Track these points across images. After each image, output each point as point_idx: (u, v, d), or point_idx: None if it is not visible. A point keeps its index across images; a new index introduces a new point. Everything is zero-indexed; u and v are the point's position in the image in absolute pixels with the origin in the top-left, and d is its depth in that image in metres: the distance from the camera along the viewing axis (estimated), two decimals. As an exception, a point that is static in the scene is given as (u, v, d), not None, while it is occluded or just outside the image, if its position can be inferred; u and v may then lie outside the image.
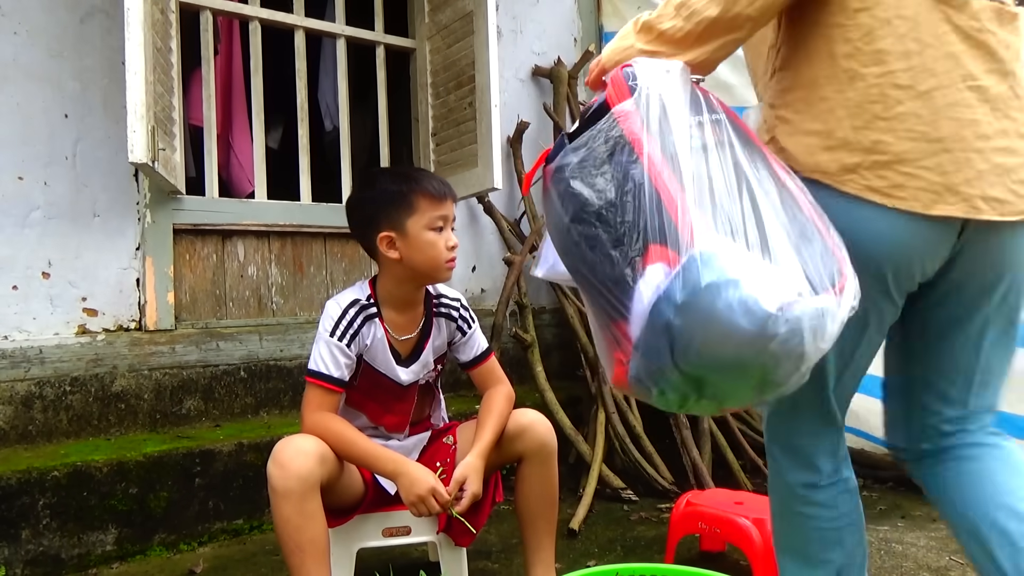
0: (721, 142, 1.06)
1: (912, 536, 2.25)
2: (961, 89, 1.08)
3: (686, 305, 0.95)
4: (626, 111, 1.07)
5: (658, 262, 1.00)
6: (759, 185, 1.03)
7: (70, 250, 2.45)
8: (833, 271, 1.00)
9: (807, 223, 1.04)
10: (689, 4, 1.12)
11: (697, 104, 1.09)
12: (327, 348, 1.61)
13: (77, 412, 2.40)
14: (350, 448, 1.57)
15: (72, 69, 2.47)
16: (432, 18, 3.14)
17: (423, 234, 1.61)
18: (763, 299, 0.92)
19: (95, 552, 2.12)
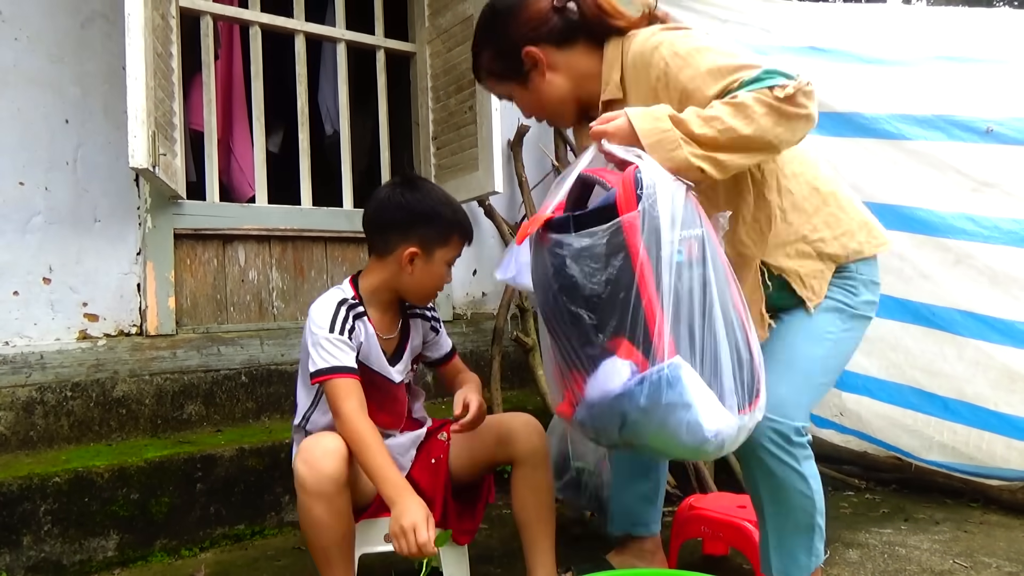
0: (699, 259, 1.25)
1: (915, 539, 2.25)
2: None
3: (645, 409, 1.19)
4: (631, 222, 1.22)
5: (628, 359, 1.22)
6: (719, 305, 1.25)
7: (71, 255, 2.45)
8: (754, 388, 1.28)
9: (743, 344, 1.28)
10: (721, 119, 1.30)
11: (689, 219, 1.26)
12: (330, 344, 1.58)
13: (78, 418, 2.39)
14: (367, 456, 1.52)
15: (73, 74, 2.47)
16: (432, 22, 3.14)
17: (439, 267, 1.68)
18: (705, 424, 1.18)
19: (96, 558, 2.11)
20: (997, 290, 2.40)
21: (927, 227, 2.51)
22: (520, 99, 1.65)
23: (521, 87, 1.62)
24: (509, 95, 1.68)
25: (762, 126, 1.30)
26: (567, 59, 1.57)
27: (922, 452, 2.61)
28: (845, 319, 1.52)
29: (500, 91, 1.70)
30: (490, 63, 1.64)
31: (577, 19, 1.56)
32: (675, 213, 1.24)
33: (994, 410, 2.43)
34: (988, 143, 2.41)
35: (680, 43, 1.43)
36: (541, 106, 1.63)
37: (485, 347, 3.19)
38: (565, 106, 1.62)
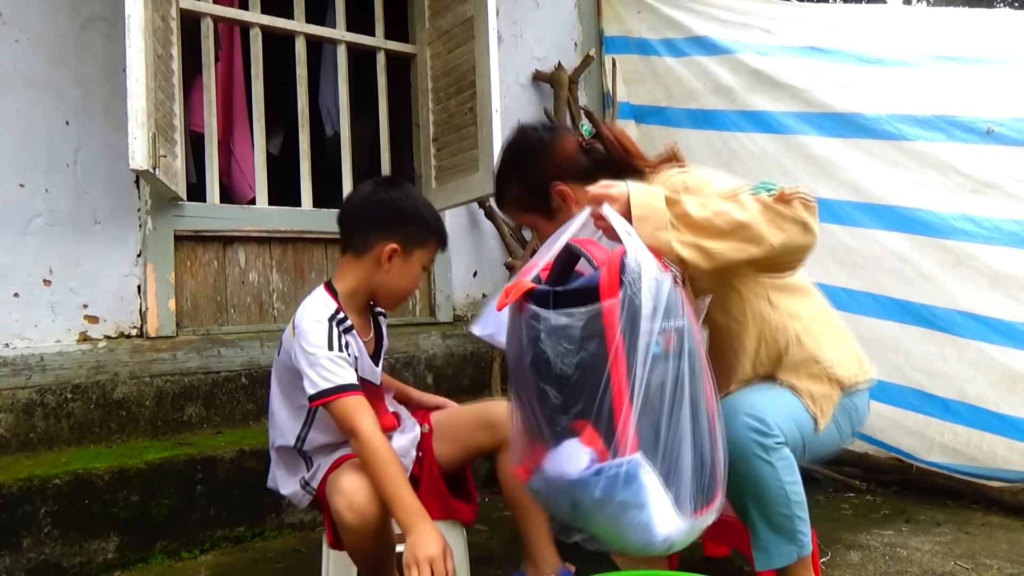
0: (677, 352, 1.23)
1: (916, 541, 2.24)
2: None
3: (599, 501, 1.18)
4: (611, 309, 1.20)
5: (589, 446, 1.20)
6: (689, 402, 1.23)
7: (71, 257, 2.45)
8: (712, 490, 1.27)
9: (707, 443, 1.27)
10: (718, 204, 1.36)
11: (672, 309, 1.23)
12: (331, 363, 1.51)
13: (78, 419, 2.39)
14: (385, 479, 1.46)
15: (73, 76, 2.48)
16: (433, 23, 3.14)
17: (415, 268, 1.68)
18: (657, 528, 1.16)
19: (96, 560, 2.11)
20: (998, 291, 2.40)
21: (927, 228, 2.51)
22: (544, 230, 1.67)
23: (547, 220, 1.67)
24: (533, 225, 1.73)
25: (755, 217, 1.34)
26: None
27: (923, 453, 2.61)
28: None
29: (524, 221, 1.76)
30: (517, 194, 1.69)
31: (603, 157, 1.64)
32: (658, 303, 1.22)
33: (995, 411, 2.43)
34: (989, 144, 2.41)
35: (691, 178, 1.53)
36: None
37: (485, 349, 3.19)
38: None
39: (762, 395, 1.58)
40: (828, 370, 1.60)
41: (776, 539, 1.51)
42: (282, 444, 1.68)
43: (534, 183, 1.65)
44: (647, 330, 1.20)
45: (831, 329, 1.66)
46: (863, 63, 2.69)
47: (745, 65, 3.03)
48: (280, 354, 1.66)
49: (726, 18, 3.16)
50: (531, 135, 1.69)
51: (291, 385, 1.61)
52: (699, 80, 3.25)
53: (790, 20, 2.97)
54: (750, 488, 1.50)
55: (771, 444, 1.47)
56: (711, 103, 3.20)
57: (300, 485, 1.67)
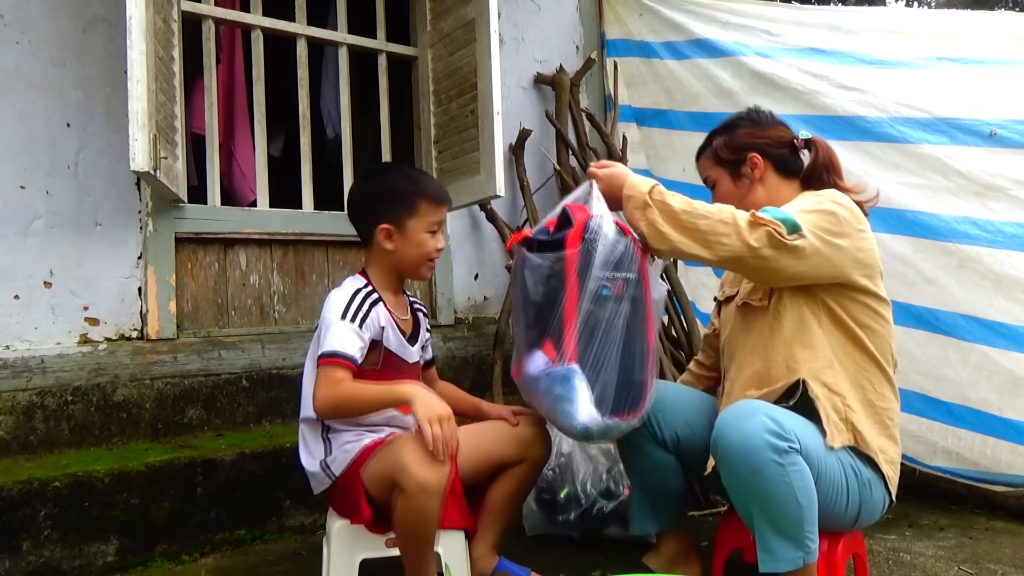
0: (620, 296, 1.63)
1: (920, 545, 2.23)
2: None
3: (544, 393, 1.65)
4: (571, 256, 1.62)
5: (544, 353, 1.65)
6: (622, 334, 1.63)
7: (72, 259, 2.45)
8: (638, 403, 1.67)
9: (638, 369, 1.67)
10: (698, 210, 1.60)
11: (622, 264, 1.64)
12: (340, 330, 1.65)
13: (79, 422, 2.38)
14: (362, 399, 1.61)
15: (74, 78, 2.47)
16: (434, 26, 3.14)
17: (419, 235, 1.79)
18: (578, 415, 1.59)
19: (96, 563, 2.10)
20: (1001, 294, 2.39)
21: (930, 231, 2.50)
22: (722, 187, 1.87)
23: (730, 179, 1.85)
24: (715, 180, 1.89)
25: (713, 226, 1.57)
26: (777, 185, 1.82)
27: (926, 458, 2.59)
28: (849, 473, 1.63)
29: (710, 172, 1.90)
30: (720, 147, 1.87)
31: (803, 163, 1.83)
32: (610, 257, 1.62)
33: (999, 415, 2.42)
34: (992, 147, 2.41)
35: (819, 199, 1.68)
36: (735, 200, 1.80)
37: (487, 351, 3.18)
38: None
39: (783, 411, 1.56)
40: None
41: (782, 544, 1.50)
42: (307, 415, 1.74)
43: (738, 144, 1.83)
44: (597, 276, 1.61)
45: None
46: (865, 65, 2.68)
47: (747, 67, 3.02)
48: (315, 330, 1.79)
49: (727, 20, 3.16)
50: (761, 112, 1.91)
51: (315, 355, 1.71)
52: (701, 83, 3.24)
53: (791, 22, 2.96)
54: (758, 490, 1.49)
55: (785, 448, 1.46)
56: (713, 106, 3.19)
57: (321, 467, 1.73)
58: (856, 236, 1.63)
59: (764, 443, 1.45)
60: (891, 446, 1.69)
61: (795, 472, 1.46)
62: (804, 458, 1.49)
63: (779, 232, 1.54)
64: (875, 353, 1.67)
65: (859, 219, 1.66)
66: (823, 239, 1.58)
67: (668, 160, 3.52)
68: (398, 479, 1.52)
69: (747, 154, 1.82)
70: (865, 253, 1.66)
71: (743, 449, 1.47)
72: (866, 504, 1.65)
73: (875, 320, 1.68)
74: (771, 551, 1.51)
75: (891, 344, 1.72)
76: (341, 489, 1.72)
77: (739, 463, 1.49)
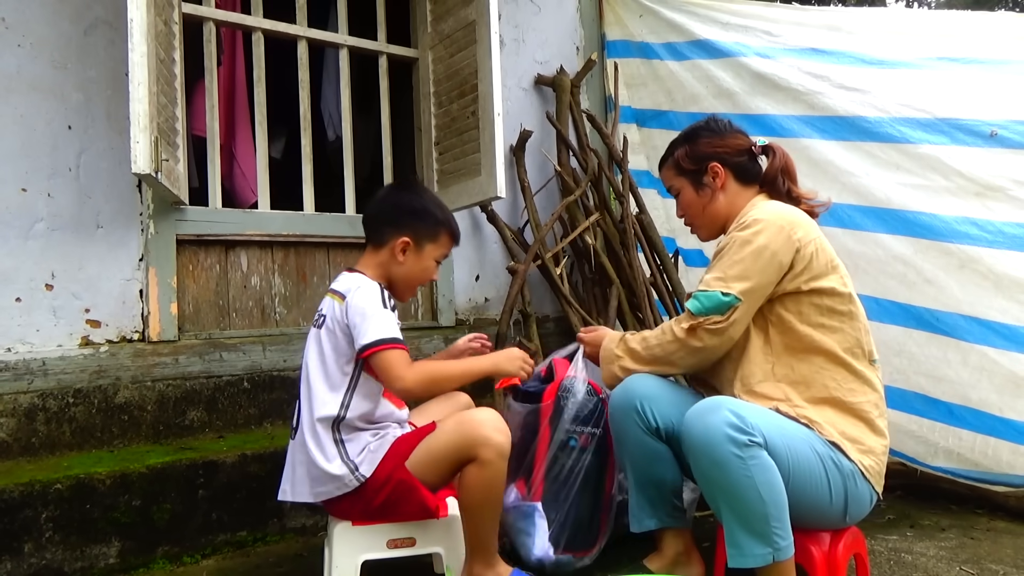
0: (586, 447, 1.99)
1: (921, 546, 2.23)
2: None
3: (511, 523, 1.98)
4: (546, 409, 2.01)
5: (517, 488, 2.01)
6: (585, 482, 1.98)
7: (73, 261, 2.45)
8: (593, 543, 2.01)
9: (597, 513, 2.02)
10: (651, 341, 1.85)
11: (590, 418, 2.00)
12: (387, 317, 1.71)
13: (80, 424, 2.39)
14: (451, 374, 1.78)
15: (76, 80, 2.48)
16: (435, 27, 3.14)
17: (428, 261, 1.88)
18: (533, 550, 1.92)
19: (98, 566, 2.11)
20: (1001, 295, 2.39)
21: (931, 231, 2.50)
22: (685, 196, 1.97)
23: (692, 188, 1.94)
24: (678, 190, 1.98)
25: (668, 353, 1.81)
26: (736, 192, 1.90)
27: (927, 458, 2.60)
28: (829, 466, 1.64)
29: (673, 182, 1.99)
30: (681, 158, 1.95)
31: (761, 169, 1.91)
32: (578, 413, 1.98)
33: (999, 416, 2.42)
34: (992, 147, 2.41)
35: (745, 232, 1.74)
36: (696, 209, 1.94)
37: (488, 353, 3.18)
38: (715, 224, 1.94)
39: (752, 407, 1.61)
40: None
41: (748, 539, 1.52)
42: (324, 414, 1.71)
43: (699, 154, 1.91)
44: (566, 428, 1.97)
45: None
46: (865, 65, 2.68)
47: (747, 68, 3.03)
48: (321, 328, 1.77)
49: (727, 21, 3.16)
50: (719, 121, 1.98)
51: (335, 352, 1.73)
52: (701, 83, 3.25)
53: (791, 23, 2.97)
54: (721, 483, 1.52)
55: (745, 441, 1.48)
56: (713, 106, 3.20)
57: (349, 469, 1.70)
58: (784, 255, 1.71)
59: (724, 436, 1.48)
60: (870, 436, 1.70)
61: (756, 466, 1.48)
62: (771, 453, 1.51)
63: (715, 324, 1.71)
64: (835, 351, 1.71)
65: (787, 241, 1.71)
66: (751, 287, 1.70)
67: (668, 161, 3.52)
68: (477, 452, 1.65)
69: (708, 164, 1.89)
70: (801, 269, 1.72)
71: (705, 442, 1.51)
72: (852, 496, 1.65)
73: (832, 318, 1.73)
74: (739, 546, 1.53)
75: (860, 336, 1.75)
76: (373, 488, 1.69)
77: (702, 457, 1.53)
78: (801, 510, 1.62)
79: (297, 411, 1.79)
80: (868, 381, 1.75)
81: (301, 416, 1.77)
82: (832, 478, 1.62)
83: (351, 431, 1.73)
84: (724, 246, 1.78)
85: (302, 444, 1.74)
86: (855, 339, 1.74)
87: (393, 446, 1.73)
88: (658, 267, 3.34)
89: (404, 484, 1.69)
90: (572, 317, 3.13)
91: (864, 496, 1.69)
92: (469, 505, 1.70)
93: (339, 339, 1.73)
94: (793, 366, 1.73)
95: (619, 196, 3.40)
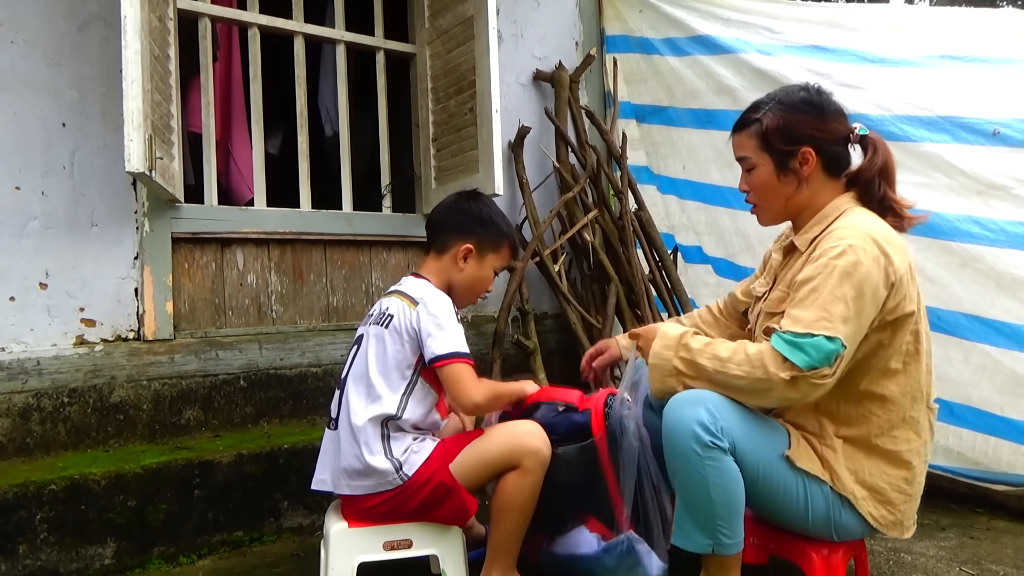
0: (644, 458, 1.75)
1: (921, 546, 2.22)
2: None
3: (611, 568, 1.76)
4: (601, 441, 1.77)
5: (595, 532, 1.82)
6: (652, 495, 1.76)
7: (68, 260, 2.43)
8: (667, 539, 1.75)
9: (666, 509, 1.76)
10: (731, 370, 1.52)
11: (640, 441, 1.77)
12: (459, 332, 1.74)
13: (75, 424, 2.37)
14: (511, 392, 1.83)
15: (70, 77, 2.45)
16: (432, 23, 3.12)
17: (488, 270, 1.90)
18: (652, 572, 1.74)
19: (93, 566, 2.09)
20: (1003, 294, 2.37)
21: (933, 230, 2.48)
22: (760, 175, 1.68)
23: (774, 170, 1.66)
24: (753, 164, 1.69)
25: (754, 386, 1.50)
26: (821, 185, 1.65)
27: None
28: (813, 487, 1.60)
29: (750, 154, 1.69)
30: (772, 132, 1.64)
31: (851, 160, 1.67)
32: (632, 438, 1.72)
33: (1000, 415, 2.41)
34: (995, 145, 2.39)
35: (843, 261, 1.48)
36: (772, 194, 1.68)
37: (486, 350, 3.17)
38: (786, 211, 1.70)
39: (738, 412, 1.55)
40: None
41: (692, 526, 1.55)
42: (381, 412, 1.71)
43: (796, 134, 1.62)
44: (627, 456, 1.73)
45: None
46: (867, 63, 2.66)
47: (748, 65, 3.00)
48: (387, 328, 1.76)
49: (728, 17, 3.14)
50: (827, 98, 1.67)
51: (398, 354, 1.74)
52: (701, 80, 3.22)
53: (792, 19, 2.94)
54: (677, 471, 1.56)
55: (708, 442, 1.49)
56: (714, 103, 3.18)
57: (394, 467, 1.70)
58: (883, 291, 1.50)
59: (690, 432, 1.49)
60: (902, 483, 1.61)
61: (712, 467, 1.49)
62: (738, 460, 1.51)
63: (822, 377, 1.45)
64: (892, 396, 1.58)
65: (885, 276, 1.49)
66: (855, 331, 1.48)
67: (668, 157, 3.50)
68: (520, 460, 1.70)
69: (801, 147, 1.62)
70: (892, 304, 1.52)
71: (674, 430, 1.53)
72: (837, 522, 1.62)
73: (904, 359, 1.58)
74: (682, 528, 1.57)
75: (921, 379, 1.60)
76: (413, 488, 1.70)
77: (668, 443, 1.56)
78: (784, 522, 1.64)
79: (342, 402, 1.78)
80: (918, 427, 1.61)
81: (347, 408, 1.75)
82: (813, 503, 1.60)
83: (398, 432, 1.73)
84: (816, 276, 1.50)
85: (347, 436, 1.73)
86: (918, 382, 1.59)
87: (437, 449, 1.74)
88: (657, 264, 3.33)
89: (444, 486, 1.71)
90: (570, 314, 3.11)
91: (852, 525, 1.63)
92: (505, 509, 1.73)
93: (405, 342, 1.73)
94: (840, 402, 1.60)
95: (618, 193, 3.38)
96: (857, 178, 1.66)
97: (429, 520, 1.76)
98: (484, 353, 3.19)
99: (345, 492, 1.76)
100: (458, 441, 1.78)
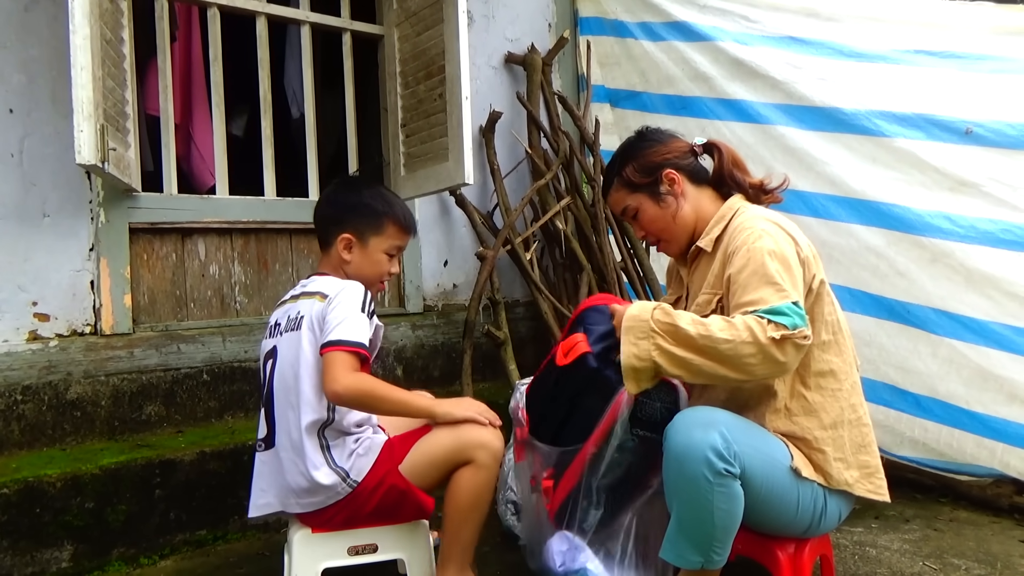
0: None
1: (886, 539, 2.25)
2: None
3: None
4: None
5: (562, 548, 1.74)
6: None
7: (18, 253, 2.33)
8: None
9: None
10: (715, 333, 1.46)
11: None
12: (362, 321, 1.65)
13: (29, 422, 2.30)
14: (390, 399, 1.66)
15: (16, 61, 2.34)
16: (400, 4, 3.02)
17: (377, 254, 1.83)
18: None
19: (50, 570, 2.04)
20: (972, 290, 2.38)
21: (904, 224, 2.48)
22: (646, 213, 1.79)
23: (652, 202, 1.77)
24: (635, 209, 1.80)
25: (739, 351, 1.44)
26: (697, 197, 1.77)
27: (893, 447, 2.61)
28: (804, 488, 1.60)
29: (629, 201, 1.81)
30: (630, 174, 1.78)
31: (707, 169, 1.79)
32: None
33: (966, 408, 2.43)
34: (967, 144, 2.38)
35: (763, 243, 1.55)
36: (662, 222, 1.77)
37: (456, 339, 3.13)
38: (683, 231, 1.77)
39: (747, 430, 1.55)
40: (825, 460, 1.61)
41: (686, 545, 1.52)
42: (313, 419, 1.65)
43: (649, 165, 1.76)
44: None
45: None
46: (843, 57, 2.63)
47: (725, 53, 2.96)
48: (299, 330, 1.70)
49: (704, 3, 3.08)
50: (658, 130, 1.85)
51: (318, 348, 1.66)
52: (677, 66, 3.17)
53: (769, 6, 2.89)
54: (681, 493, 1.50)
55: (721, 470, 1.45)
56: (689, 89, 3.13)
57: (340, 477, 1.65)
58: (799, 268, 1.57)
59: (703, 459, 1.45)
60: (869, 454, 1.66)
61: (721, 494, 1.46)
62: (746, 481, 1.49)
63: (804, 338, 1.46)
64: (841, 368, 1.63)
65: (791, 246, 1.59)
66: (800, 297, 1.52)
67: (642, 144, 3.45)
68: (474, 455, 1.66)
69: (661, 172, 1.75)
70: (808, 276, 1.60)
71: (684, 455, 1.48)
72: (822, 518, 1.64)
73: (832, 329, 1.63)
74: (675, 544, 1.54)
75: (850, 344, 1.66)
76: (365, 494, 1.66)
77: (675, 464, 1.50)
78: (765, 525, 1.62)
79: (270, 421, 1.72)
80: (861, 390, 1.68)
81: (277, 425, 1.70)
82: (803, 502, 1.60)
83: (337, 435, 1.67)
84: (747, 263, 1.55)
85: (288, 454, 1.67)
86: (848, 349, 1.65)
87: (384, 450, 1.69)
88: (629, 252, 3.30)
89: (396, 489, 1.67)
90: (542, 303, 3.08)
91: (833, 514, 1.67)
92: (459, 507, 1.69)
93: (320, 336, 1.66)
94: (805, 395, 1.62)
95: (590, 179, 3.34)
96: (720, 177, 1.78)
97: (391, 523, 1.73)
98: (455, 343, 3.15)
99: (296, 511, 1.71)
100: (405, 440, 1.72)
